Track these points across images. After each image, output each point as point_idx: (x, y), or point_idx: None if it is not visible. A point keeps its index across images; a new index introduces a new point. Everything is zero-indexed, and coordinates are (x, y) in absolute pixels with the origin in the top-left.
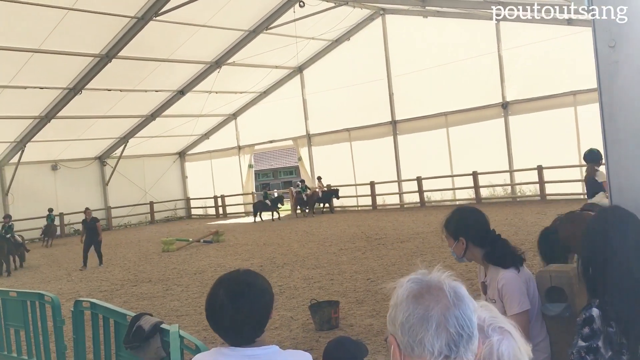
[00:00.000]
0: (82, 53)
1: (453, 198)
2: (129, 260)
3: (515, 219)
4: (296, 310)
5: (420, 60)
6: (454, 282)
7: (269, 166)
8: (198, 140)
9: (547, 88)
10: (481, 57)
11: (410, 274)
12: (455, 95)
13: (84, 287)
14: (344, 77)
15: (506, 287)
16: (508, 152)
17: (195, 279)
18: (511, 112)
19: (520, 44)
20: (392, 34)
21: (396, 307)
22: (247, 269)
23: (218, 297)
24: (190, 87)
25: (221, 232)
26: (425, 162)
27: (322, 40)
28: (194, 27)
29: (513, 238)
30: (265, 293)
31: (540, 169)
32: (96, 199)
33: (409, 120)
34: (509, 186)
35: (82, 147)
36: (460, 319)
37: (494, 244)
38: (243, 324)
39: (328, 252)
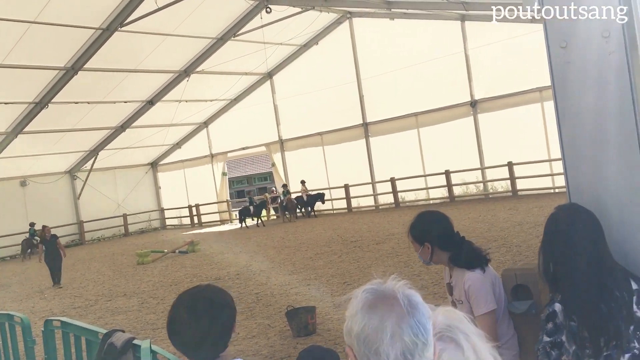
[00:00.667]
0: (47, 66)
1: (427, 197)
2: (103, 274)
3: (488, 215)
4: (273, 318)
5: (389, 62)
6: (408, 290)
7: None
8: (170, 150)
9: (514, 85)
10: (448, 57)
11: (365, 284)
12: (424, 95)
13: (57, 305)
14: (314, 81)
15: (472, 288)
16: (479, 149)
17: (172, 290)
18: (480, 110)
19: (485, 42)
20: (360, 37)
21: (352, 318)
22: (209, 284)
23: (178, 314)
24: (159, 97)
25: (196, 241)
26: (398, 162)
27: (291, 46)
28: (161, 37)
29: (486, 235)
30: (225, 308)
31: (511, 165)
32: (68, 214)
33: (381, 122)
34: (481, 183)
35: (51, 162)
36: (415, 327)
37: (459, 247)
38: (203, 340)
39: (304, 257)
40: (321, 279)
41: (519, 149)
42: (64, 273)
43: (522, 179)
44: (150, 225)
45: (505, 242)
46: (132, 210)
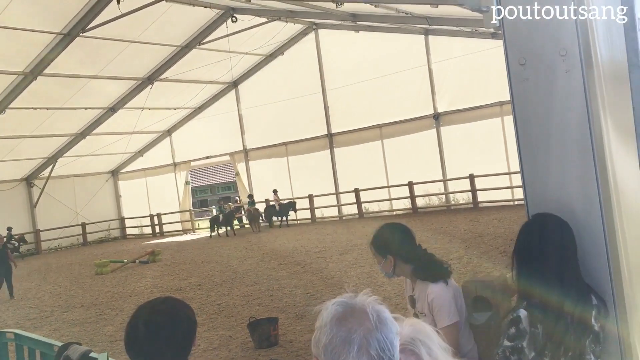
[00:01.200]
0: (5, 71)
1: (390, 208)
2: (60, 285)
3: (450, 226)
4: (235, 329)
5: (354, 74)
6: (378, 306)
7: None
8: (132, 158)
9: (476, 99)
10: (412, 70)
11: (336, 296)
12: (389, 107)
13: (10, 316)
14: (280, 91)
15: (436, 301)
16: (441, 161)
17: (131, 301)
18: (442, 123)
19: (448, 57)
20: (325, 48)
21: (320, 329)
22: (168, 296)
23: (136, 327)
24: (121, 104)
25: (158, 251)
26: (362, 173)
27: (257, 55)
28: (124, 43)
29: (448, 246)
30: (184, 321)
31: (472, 177)
32: (23, 222)
33: (345, 132)
34: (443, 195)
35: (7, 169)
36: (382, 342)
37: (421, 260)
38: (162, 354)
39: (268, 267)
40: (284, 290)
41: (480, 161)
42: (18, 283)
43: (482, 191)
44: (110, 235)
45: (465, 253)
46: (92, 219)
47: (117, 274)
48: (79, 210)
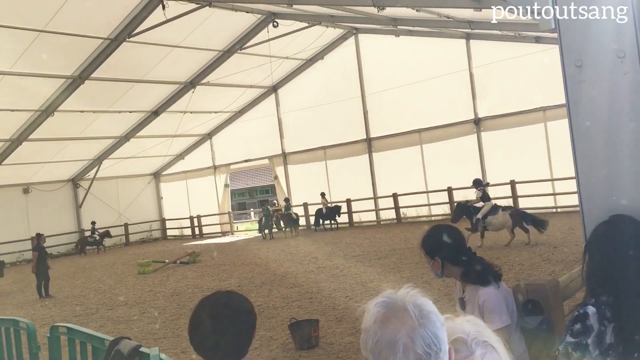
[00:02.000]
0: (55, 75)
1: (429, 214)
2: (104, 283)
3: (490, 233)
4: (275, 330)
5: (394, 78)
6: (419, 300)
7: (245, 185)
8: (173, 160)
9: (518, 104)
10: (453, 74)
11: (375, 295)
12: (428, 112)
13: (58, 312)
14: (319, 95)
15: (487, 304)
16: (481, 167)
17: (172, 300)
18: (483, 129)
19: (490, 61)
20: (365, 53)
21: (366, 332)
22: (229, 290)
23: (200, 319)
24: (164, 108)
25: (198, 252)
26: (401, 178)
27: (296, 60)
28: (168, 48)
29: (488, 252)
30: (247, 313)
31: (513, 184)
32: (69, 222)
33: (384, 137)
34: None
35: (54, 170)
36: (427, 338)
37: (470, 263)
38: (227, 345)
39: (306, 270)
40: (323, 293)
41: (521, 167)
42: (65, 281)
43: (524, 197)
44: (151, 235)
45: (507, 259)
46: (134, 220)
47: (158, 273)
48: (122, 211)
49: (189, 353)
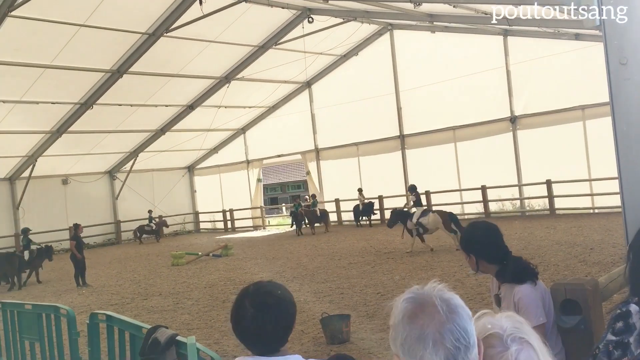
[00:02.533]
0: (94, 68)
1: (462, 212)
2: (139, 273)
3: (524, 233)
4: (307, 324)
5: (428, 75)
6: (446, 294)
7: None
8: (207, 154)
9: (556, 102)
10: (489, 71)
11: (404, 291)
12: (463, 109)
13: (94, 301)
14: (353, 91)
15: (523, 301)
16: (517, 166)
17: (205, 292)
18: (519, 127)
19: (528, 58)
20: (400, 49)
21: (394, 328)
22: (270, 280)
23: (244, 307)
24: (199, 102)
25: (230, 246)
26: (434, 176)
27: (331, 55)
28: (204, 43)
29: (522, 252)
30: (289, 303)
31: (549, 183)
32: (106, 213)
33: (417, 134)
34: (517, 200)
35: (92, 162)
36: (455, 332)
37: (505, 261)
38: (269, 333)
39: (337, 265)
40: (355, 289)
41: (558, 167)
42: (101, 271)
43: (560, 197)
44: (185, 228)
45: (542, 260)
46: (168, 213)
47: (191, 265)
48: (156, 204)
49: (221, 344)
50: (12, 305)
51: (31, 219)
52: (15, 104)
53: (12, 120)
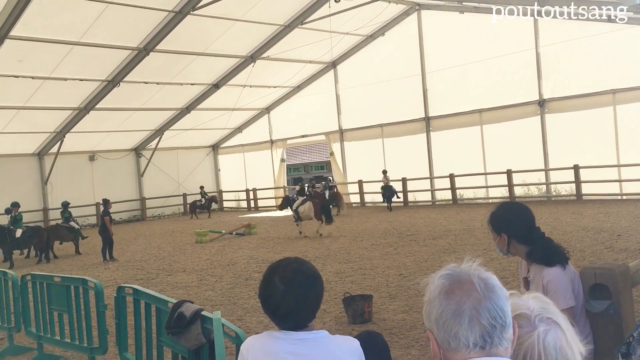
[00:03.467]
0: (121, 46)
1: (486, 196)
2: (164, 250)
3: (550, 218)
4: (329, 304)
5: (456, 56)
6: (484, 273)
7: (301, 161)
8: (231, 133)
9: (586, 86)
10: (518, 53)
11: (441, 268)
12: (490, 92)
13: (120, 276)
14: (378, 72)
15: (552, 284)
16: (544, 150)
17: (229, 270)
18: (548, 110)
19: (558, 40)
20: (427, 30)
21: (430, 303)
22: (297, 257)
23: (273, 283)
24: (225, 81)
25: (253, 224)
26: (458, 159)
27: (357, 36)
28: (230, 22)
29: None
30: (317, 279)
31: (577, 169)
32: (131, 190)
33: (443, 116)
34: (543, 185)
35: (119, 139)
36: (492, 310)
37: (538, 243)
38: (299, 309)
39: (360, 247)
40: (377, 270)
41: (586, 152)
42: (127, 246)
43: (588, 183)
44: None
45: (568, 245)
46: (192, 190)
47: (215, 243)
48: (181, 181)
49: (245, 321)
50: (42, 277)
51: (59, 194)
52: (44, 81)
53: (41, 97)
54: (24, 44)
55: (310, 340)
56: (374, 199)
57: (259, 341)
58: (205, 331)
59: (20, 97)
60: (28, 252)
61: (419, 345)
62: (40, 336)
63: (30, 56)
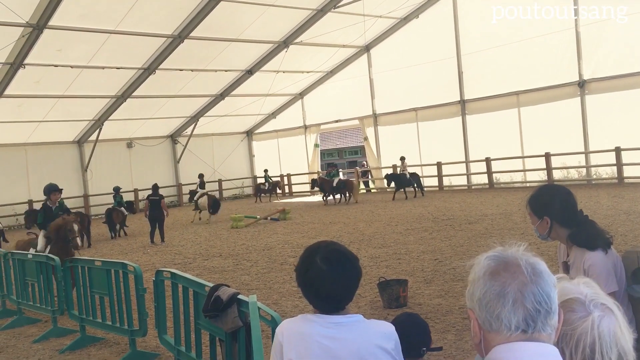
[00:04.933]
0: (156, 34)
1: (523, 180)
2: (200, 235)
3: (590, 202)
4: (364, 288)
5: (492, 38)
6: (532, 258)
7: (334, 146)
8: (265, 119)
9: (627, 66)
10: (557, 33)
11: (487, 251)
12: (528, 73)
13: (159, 260)
14: (412, 56)
15: (593, 268)
16: (584, 132)
17: (264, 254)
18: (588, 91)
19: (598, 19)
20: (462, 11)
21: (474, 283)
22: (333, 241)
23: (315, 264)
24: (258, 67)
25: (288, 210)
26: (495, 142)
27: (390, 19)
28: (263, 7)
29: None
30: (357, 260)
31: (619, 151)
32: (168, 176)
33: (479, 99)
34: (583, 168)
35: (155, 126)
36: (538, 295)
37: (581, 225)
38: (341, 289)
39: (394, 231)
40: (412, 254)
41: (628, 133)
42: (166, 232)
43: (630, 165)
44: (243, 192)
45: (609, 230)
46: (227, 177)
47: (250, 228)
48: (216, 167)
49: (280, 305)
50: (84, 261)
51: (98, 180)
52: (82, 69)
53: (79, 85)
54: (62, 33)
55: (345, 324)
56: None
57: (294, 324)
58: (241, 314)
59: (59, 86)
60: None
61: (455, 330)
62: (82, 319)
63: (69, 45)
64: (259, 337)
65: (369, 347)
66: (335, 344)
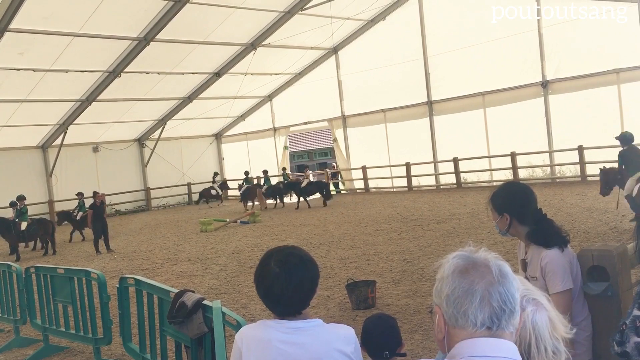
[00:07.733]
0: (121, 36)
1: (490, 179)
2: (169, 239)
3: (554, 200)
4: (333, 290)
5: (457, 39)
6: (499, 261)
7: (304, 147)
8: (234, 122)
9: (589, 66)
10: (520, 34)
11: (456, 250)
12: (493, 74)
13: (126, 266)
14: (380, 57)
15: (550, 265)
16: (548, 132)
17: (233, 258)
18: (551, 91)
19: (561, 20)
20: (428, 13)
21: (442, 280)
22: (294, 245)
23: (269, 267)
24: (226, 69)
25: (257, 212)
26: (462, 142)
27: (358, 20)
28: (230, 9)
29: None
30: (312, 264)
31: (581, 149)
32: (136, 180)
33: (446, 100)
34: (548, 167)
35: (121, 129)
36: (504, 294)
37: (539, 224)
38: (293, 293)
39: (364, 232)
40: (381, 255)
41: (591, 132)
42: (132, 237)
43: (592, 164)
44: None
45: (572, 227)
46: (196, 180)
47: (220, 232)
48: (185, 171)
49: (249, 309)
50: (45, 269)
51: (63, 186)
52: (45, 73)
53: (43, 89)
54: (24, 36)
55: (304, 329)
56: (378, 184)
57: (253, 330)
58: (207, 320)
59: (22, 90)
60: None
61: (422, 330)
62: (45, 328)
63: (31, 49)
64: (223, 342)
65: (329, 351)
66: (294, 349)
